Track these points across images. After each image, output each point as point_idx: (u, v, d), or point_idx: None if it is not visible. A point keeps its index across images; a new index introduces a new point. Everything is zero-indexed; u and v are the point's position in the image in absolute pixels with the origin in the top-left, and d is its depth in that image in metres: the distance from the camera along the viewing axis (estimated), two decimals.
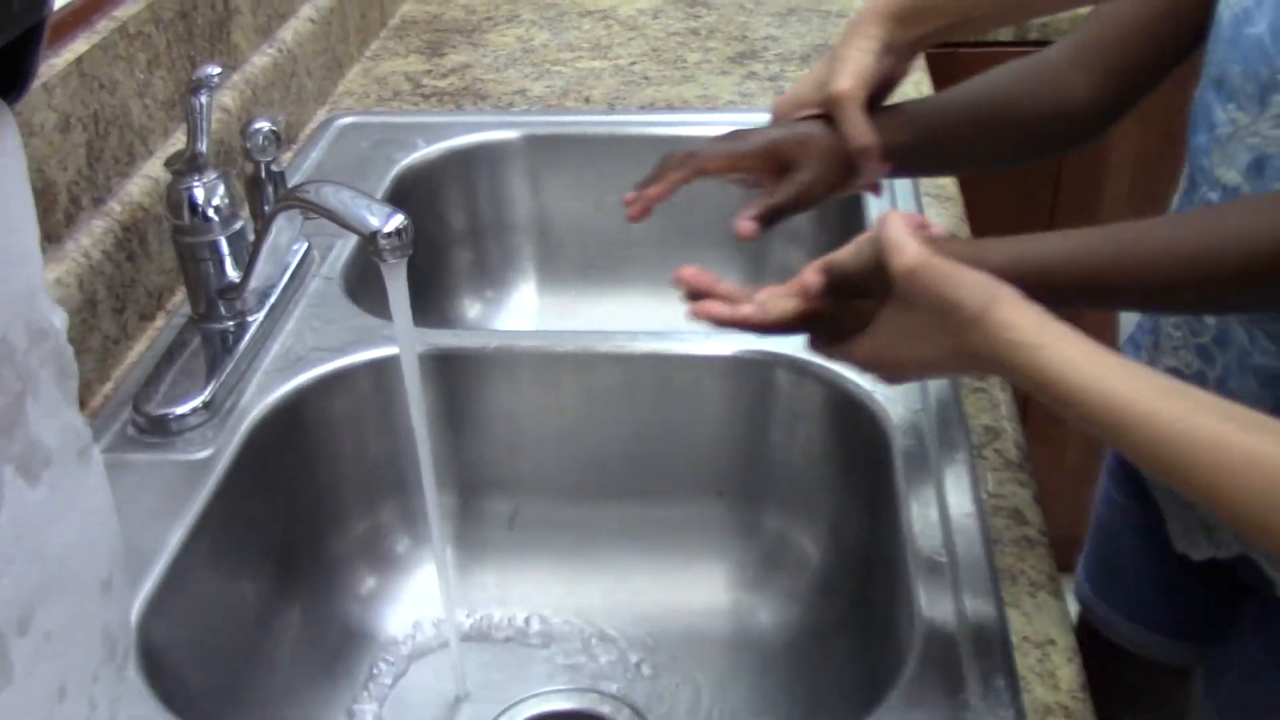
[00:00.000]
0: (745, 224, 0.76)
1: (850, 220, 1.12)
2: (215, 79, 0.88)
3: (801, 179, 0.79)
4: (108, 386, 0.91)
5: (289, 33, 1.24)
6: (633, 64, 1.39)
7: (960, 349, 0.63)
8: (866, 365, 0.70)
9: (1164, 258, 0.68)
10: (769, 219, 0.78)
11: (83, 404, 0.89)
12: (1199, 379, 0.84)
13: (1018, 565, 0.75)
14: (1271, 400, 0.79)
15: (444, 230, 1.25)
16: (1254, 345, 0.79)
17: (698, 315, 0.73)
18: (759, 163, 0.80)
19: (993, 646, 0.68)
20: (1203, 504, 0.56)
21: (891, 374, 0.71)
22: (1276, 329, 0.77)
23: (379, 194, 1.15)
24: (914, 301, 0.65)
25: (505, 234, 1.27)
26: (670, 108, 1.28)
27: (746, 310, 0.72)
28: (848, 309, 0.70)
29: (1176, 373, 0.87)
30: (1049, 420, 0.67)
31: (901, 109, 0.84)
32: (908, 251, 0.65)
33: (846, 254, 0.70)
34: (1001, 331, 0.60)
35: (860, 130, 0.78)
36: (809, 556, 0.97)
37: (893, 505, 0.80)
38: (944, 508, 0.78)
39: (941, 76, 1.07)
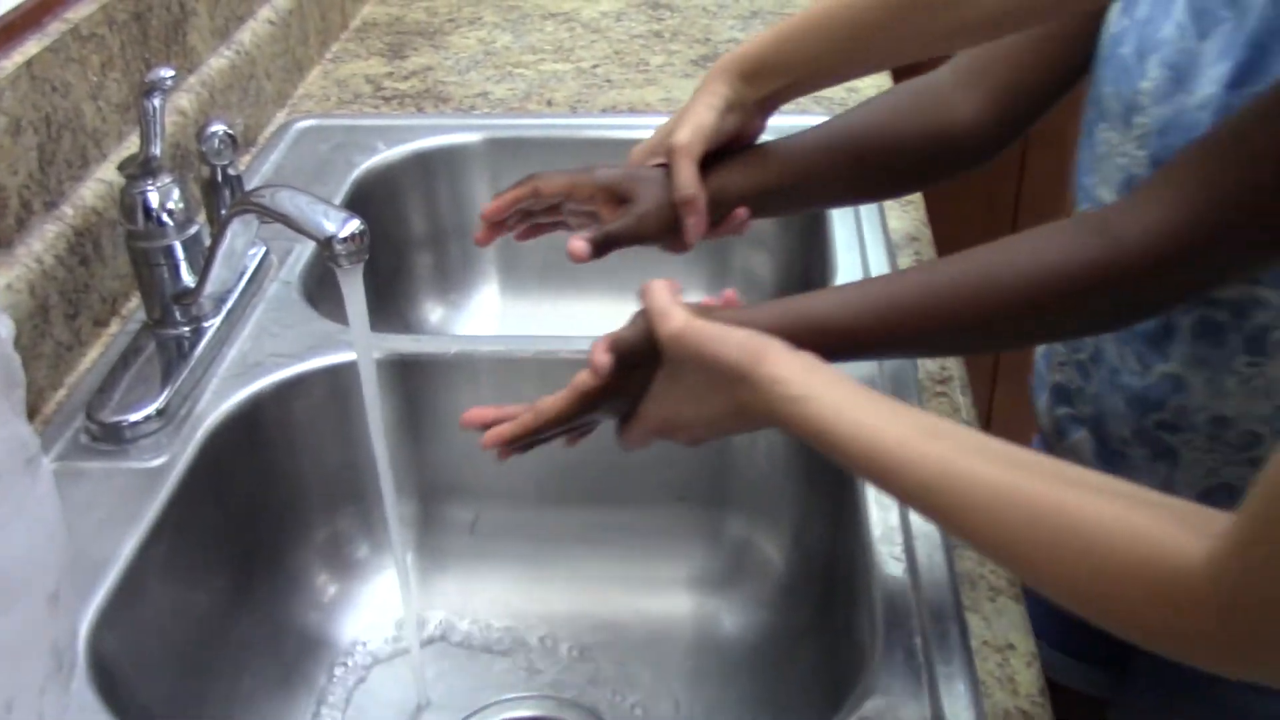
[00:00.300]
0: (578, 243, 0.78)
1: (814, 226, 1.12)
2: (168, 82, 0.87)
3: (635, 212, 0.81)
4: (60, 393, 0.90)
5: (247, 34, 1.23)
6: (595, 67, 1.38)
7: (735, 405, 0.65)
8: (659, 430, 0.72)
9: (945, 300, 0.70)
10: (601, 244, 0.79)
11: (35, 411, 0.87)
12: (1079, 395, 0.85)
13: (977, 570, 0.75)
14: (1135, 420, 0.80)
15: (405, 234, 1.24)
16: (1122, 365, 0.80)
17: (489, 446, 0.75)
18: (597, 193, 0.83)
19: (953, 651, 0.68)
20: (968, 545, 0.57)
21: (685, 435, 0.72)
22: (1141, 349, 0.78)
23: (339, 198, 1.14)
24: (683, 364, 0.68)
25: (467, 238, 1.26)
26: (633, 110, 1.28)
27: (527, 418, 0.74)
28: (629, 382, 0.72)
29: (1063, 388, 0.88)
30: (1010, 429, 0.68)
31: (769, 151, 0.84)
32: (672, 318, 0.68)
33: (625, 329, 0.73)
34: (767, 385, 0.62)
35: (685, 183, 0.79)
36: (772, 561, 0.97)
37: (855, 510, 0.80)
38: (905, 513, 0.78)
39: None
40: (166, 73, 0.86)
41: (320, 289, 1.04)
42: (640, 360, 0.71)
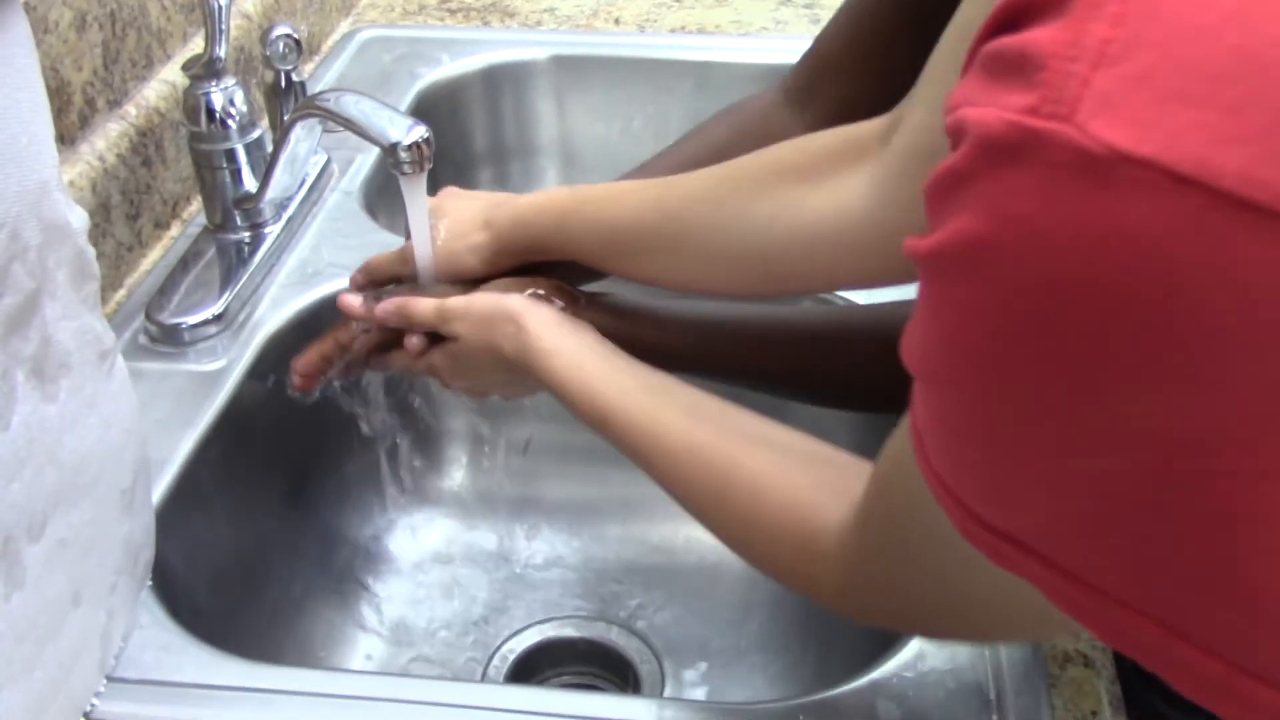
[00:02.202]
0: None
1: None
2: None
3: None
4: (120, 294, 0.90)
5: None
6: None
7: (500, 360, 0.69)
8: (433, 373, 0.75)
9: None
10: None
11: None
12: None
13: None
14: None
15: (466, 149, 1.22)
16: None
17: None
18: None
19: None
20: (670, 496, 0.61)
21: (460, 385, 0.75)
22: None
23: (401, 109, 1.12)
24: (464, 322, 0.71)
25: (528, 156, 1.25)
26: (702, 31, 1.25)
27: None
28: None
29: None
30: None
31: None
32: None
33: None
34: (524, 337, 0.68)
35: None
36: None
37: None
38: None
39: None
40: None
41: (380, 200, 1.03)
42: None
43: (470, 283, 0.75)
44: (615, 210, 0.71)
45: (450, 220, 0.77)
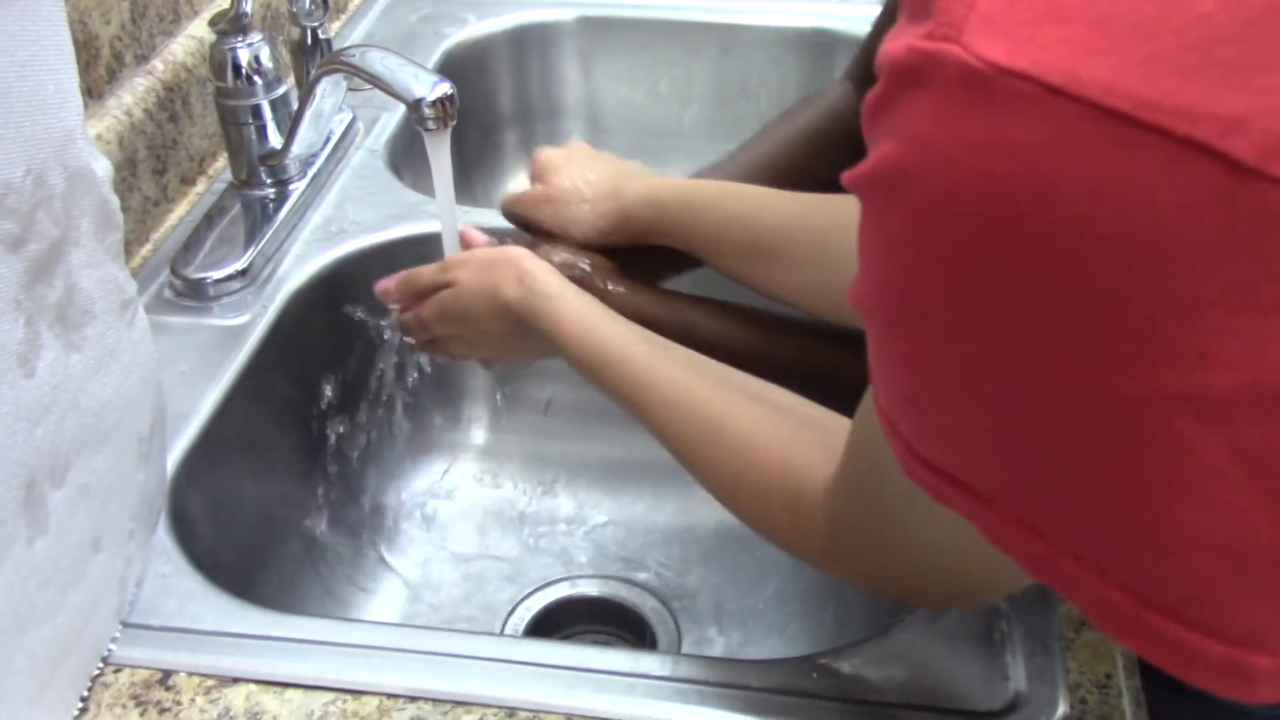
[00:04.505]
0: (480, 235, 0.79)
1: None
2: None
3: None
4: (146, 248, 0.91)
5: None
6: None
7: (501, 299, 0.70)
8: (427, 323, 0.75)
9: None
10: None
11: None
12: None
13: None
14: None
15: (492, 109, 1.22)
16: None
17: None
18: None
19: None
20: (661, 444, 0.62)
21: (454, 343, 0.76)
22: None
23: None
24: (469, 263, 0.73)
25: (554, 118, 1.24)
26: None
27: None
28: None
29: None
30: None
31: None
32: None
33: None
34: (528, 280, 0.69)
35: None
36: None
37: None
38: None
39: None
40: None
41: (405, 159, 1.03)
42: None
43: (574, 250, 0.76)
44: (761, 215, 0.71)
45: (582, 181, 0.77)
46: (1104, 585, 0.35)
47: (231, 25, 0.88)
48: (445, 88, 0.73)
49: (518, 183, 1.25)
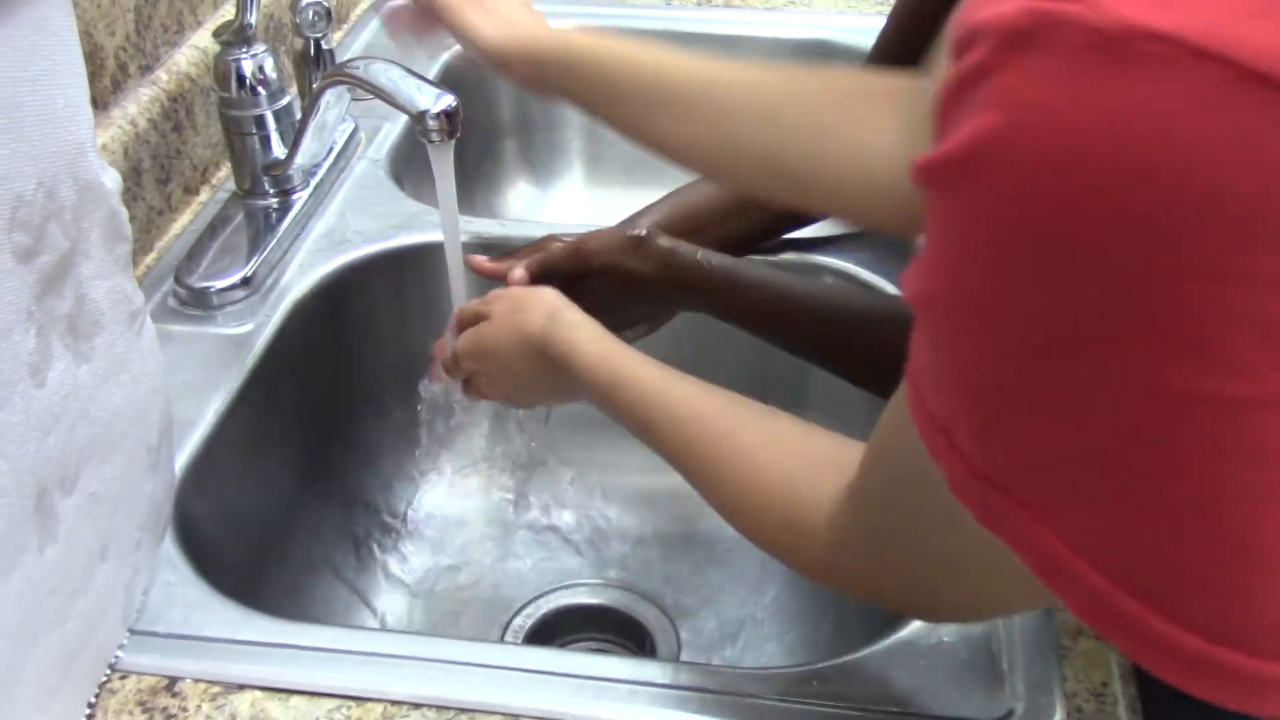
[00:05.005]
0: (518, 271, 0.82)
1: None
2: None
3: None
4: (150, 257, 0.91)
5: None
6: None
7: (528, 335, 0.71)
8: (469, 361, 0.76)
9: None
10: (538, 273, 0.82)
11: None
12: None
13: None
14: None
15: (492, 120, 1.23)
16: None
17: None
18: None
19: None
20: (669, 463, 0.62)
21: (488, 382, 0.76)
22: None
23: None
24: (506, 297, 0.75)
25: (553, 128, 1.25)
26: (729, 6, 1.25)
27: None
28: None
29: None
30: None
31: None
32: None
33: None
34: (554, 315, 0.71)
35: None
36: None
37: None
38: None
39: None
40: None
41: (407, 169, 1.04)
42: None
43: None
44: (657, 65, 0.70)
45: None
46: (1170, 625, 0.33)
47: (235, 36, 0.89)
48: (449, 100, 0.74)
49: (518, 192, 1.25)
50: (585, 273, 0.80)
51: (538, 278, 0.81)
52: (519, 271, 0.81)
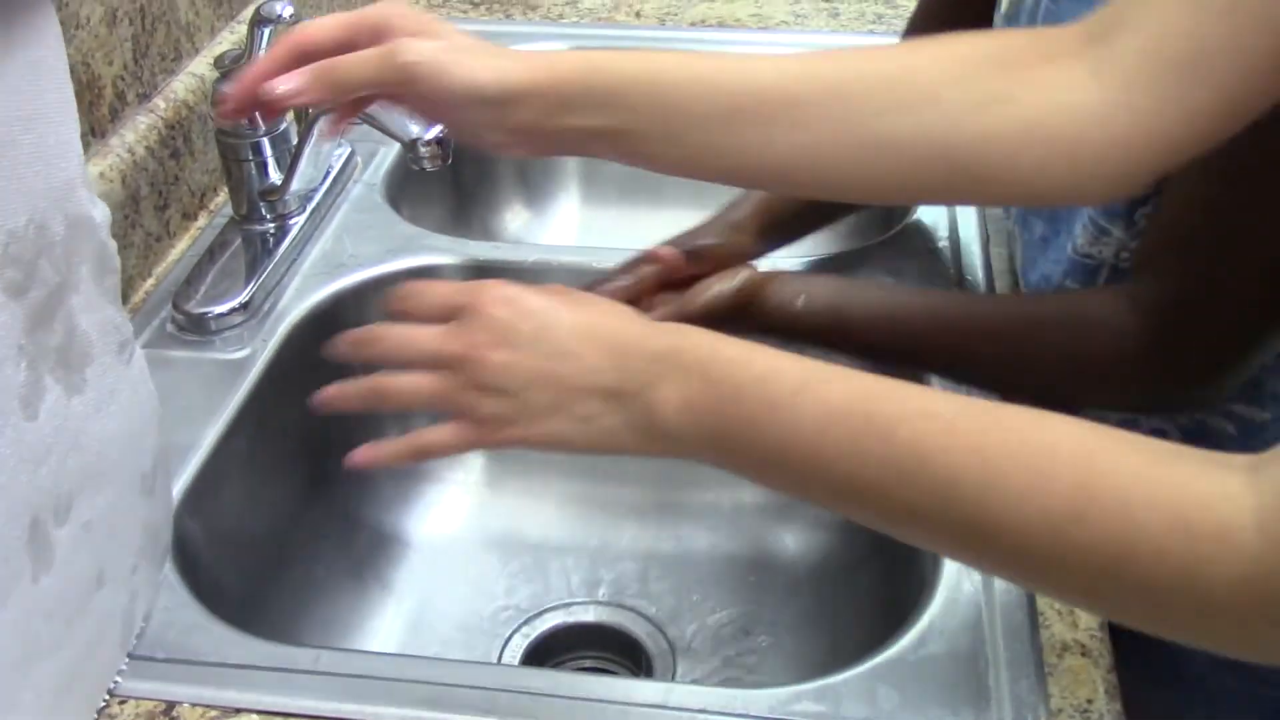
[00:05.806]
0: (667, 251, 0.80)
1: None
2: (285, 18, 0.86)
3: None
4: (149, 283, 0.92)
5: None
6: None
7: (622, 330, 0.55)
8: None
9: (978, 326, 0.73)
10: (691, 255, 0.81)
11: (124, 300, 0.89)
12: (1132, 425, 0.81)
13: None
14: None
15: None
16: None
17: None
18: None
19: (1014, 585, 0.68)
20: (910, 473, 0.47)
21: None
22: None
23: None
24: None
25: None
26: (722, 26, 1.26)
27: None
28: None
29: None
30: None
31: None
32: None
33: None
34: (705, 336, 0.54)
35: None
36: None
37: None
38: None
39: None
40: (286, 9, 0.86)
41: (403, 193, 1.04)
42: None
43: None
44: (728, 72, 0.58)
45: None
46: None
47: (233, 65, 0.90)
48: (439, 128, 0.75)
49: (514, 214, 1.26)
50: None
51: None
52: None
